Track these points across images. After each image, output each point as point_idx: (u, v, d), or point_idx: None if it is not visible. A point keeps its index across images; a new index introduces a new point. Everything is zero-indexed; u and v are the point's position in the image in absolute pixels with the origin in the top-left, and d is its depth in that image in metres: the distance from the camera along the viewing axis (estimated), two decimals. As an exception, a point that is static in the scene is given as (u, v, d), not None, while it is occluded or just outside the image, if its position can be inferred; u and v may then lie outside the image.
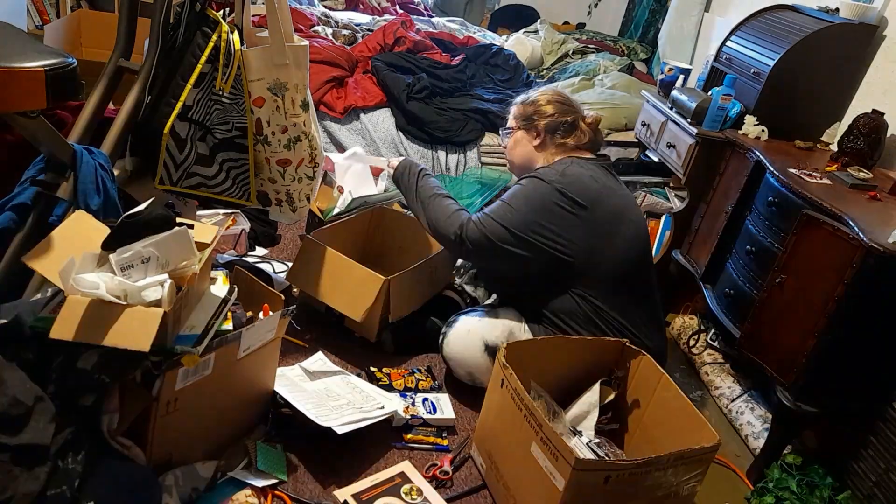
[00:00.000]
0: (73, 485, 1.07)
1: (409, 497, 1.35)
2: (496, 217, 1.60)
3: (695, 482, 1.31)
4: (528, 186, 1.62)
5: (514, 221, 1.58)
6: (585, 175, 1.62)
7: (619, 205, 1.64)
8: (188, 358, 1.16)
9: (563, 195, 1.57)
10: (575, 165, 1.64)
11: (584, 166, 1.65)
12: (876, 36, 2.11)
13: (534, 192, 1.60)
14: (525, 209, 1.59)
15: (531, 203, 1.59)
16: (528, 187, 1.62)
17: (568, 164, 1.65)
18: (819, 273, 1.54)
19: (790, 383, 1.59)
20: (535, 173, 1.64)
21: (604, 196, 1.61)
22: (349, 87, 2.87)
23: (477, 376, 1.70)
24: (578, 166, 1.64)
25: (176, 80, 1.45)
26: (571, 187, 1.58)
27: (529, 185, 1.62)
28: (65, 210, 1.28)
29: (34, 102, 1.07)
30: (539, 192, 1.60)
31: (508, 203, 1.62)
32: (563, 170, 1.62)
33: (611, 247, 1.59)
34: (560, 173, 1.61)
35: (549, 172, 1.62)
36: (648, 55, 4.01)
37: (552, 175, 1.61)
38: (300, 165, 1.71)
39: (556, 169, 1.63)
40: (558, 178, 1.60)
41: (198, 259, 1.19)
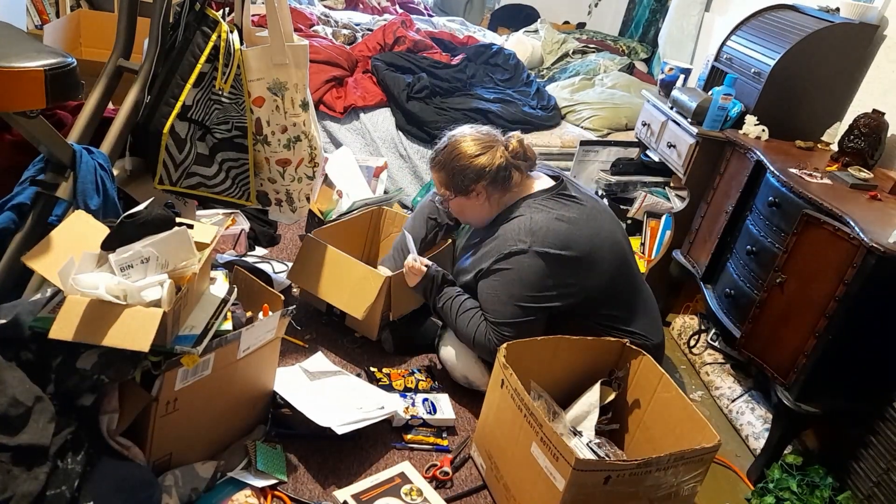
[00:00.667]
0: (73, 485, 1.07)
1: (409, 497, 1.35)
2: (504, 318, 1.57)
3: (695, 482, 1.31)
4: (514, 269, 1.55)
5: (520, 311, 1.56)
6: (551, 220, 1.56)
7: (592, 227, 1.60)
8: (188, 358, 1.15)
9: (546, 256, 1.53)
10: (537, 213, 1.58)
11: (544, 208, 1.59)
12: (876, 35, 2.11)
13: (521, 271, 1.55)
14: (520, 293, 1.55)
15: (525, 283, 1.55)
16: (514, 270, 1.55)
17: (528, 215, 1.58)
18: (819, 273, 1.54)
19: (791, 383, 1.58)
20: (509, 247, 1.56)
21: (575, 231, 1.56)
22: (349, 87, 2.87)
23: (473, 380, 1.71)
24: (539, 212, 1.58)
25: (175, 80, 1.45)
26: (548, 242, 1.54)
27: (515, 266, 1.55)
28: (64, 210, 1.28)
29: (33, 102, 1.07)
30: (525, 268, 1.54)
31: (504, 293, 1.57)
32: (529, 227, 1.56)
33: (599, 270, 1.59)
34: (529, 232, 1.55)
35: (519, 235, 1.55)
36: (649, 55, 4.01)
37: (525, 239, 1.54)
38: (300, 165, 1.71)
39: (523, 227, 1.56)
40: (532, 240, 1.54)
41: (197, 259, 1.19)
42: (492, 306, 1.59)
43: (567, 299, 1.58)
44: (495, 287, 1.59)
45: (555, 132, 2.95)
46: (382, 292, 1.73)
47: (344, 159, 2.44)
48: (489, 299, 1.60)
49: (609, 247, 1.61)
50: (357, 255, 2.10)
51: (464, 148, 1.63)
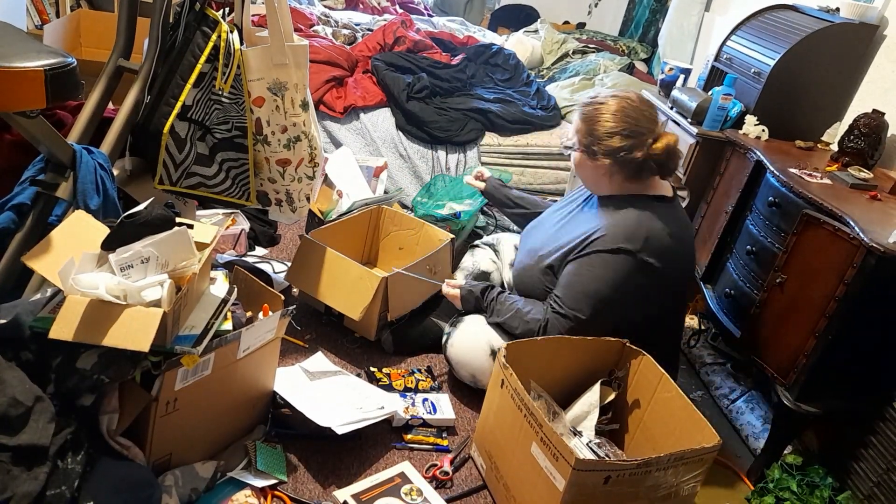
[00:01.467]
0: (73, 485, 1.06)
1: (409, 497, 1.35)
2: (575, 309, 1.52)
3: (695, 482, 1.31)
4: (612, 267, 1.50)
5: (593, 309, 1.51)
6: (665, 234, 1.51)
7: (687, 252, 1.59)
8: (188, 358, 1.15)
9: (647, 267, 1.50)
10: (655, 220, 1.52)
11: (661, 217, 1.53)
12: (876, 35, 2.11)
13: (618, 272, 1.50)
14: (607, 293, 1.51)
15: (615, 286, 1.50)
16: (612, 268, 1.50)
17: (647, 214, 1.52)
18: (819, 273, 1.54)
19: (791, 383, 1.58)
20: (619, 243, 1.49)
21: (677, 253, 1.54)
22: (349, 87, 2.87)
23: (479, 378, 1.70)
24: (659, 220, 1.52)
25: (175, 80, 1.45)
26: (655, 254, 1.50)
27: (614, 264, 1.50)
28: (64, 210, 1.28)
29: (33, 102, 1.07)
30: (624, 272, 1.50)
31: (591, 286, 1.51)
32: (647, 232, 1.50)
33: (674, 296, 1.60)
34: (645, 238, 1.49)
35: (635, 234, 1.49)
36: (649, 55, 4.01)
37: (637, 242, 1.49)
38: (300, 165, 1.71)
39: (641, 229, 1.50)
40: (643, 246, 1.49)
41: (197, 259, 1.19)
42: (573, 292, 1.53)
43: (637, 312, 1.56)
44: (585, 275, 1.52)
45: (555, 132, 2.95)
46: (379, 293, 1.73)
47: (344, 159, 2.44)
48: (572, 284, 1.53)
49: (688, 275, 1.63)
50: (357, 255, 2.11)
51: (611, 119, 1.52)
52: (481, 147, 2.83)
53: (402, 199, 2.70)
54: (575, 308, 1.53)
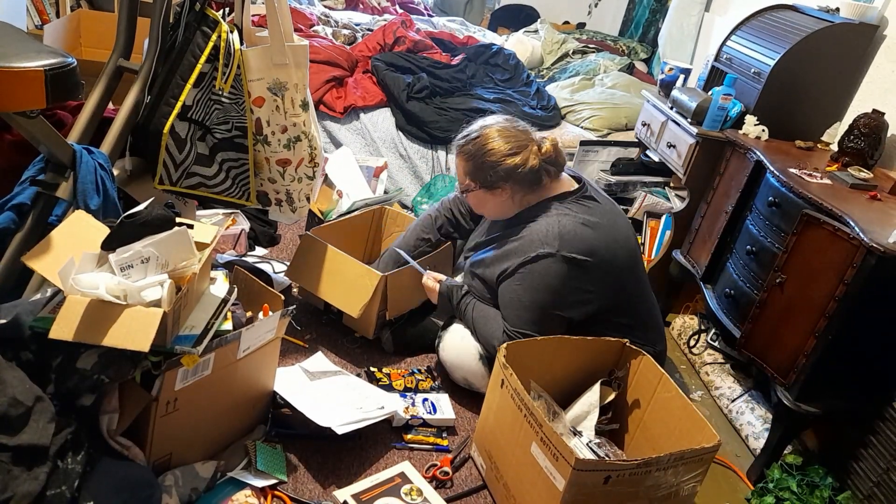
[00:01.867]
0: (73, 485, 1.06)
1: (409, 497, 1.35)
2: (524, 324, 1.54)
3: (695, 482, 1.31)
4: (540, 273, 1.52)
5: (540, 317, 1.54)
6: (578, 224, 1.54)
7: (613, 233, 1.58)
8: (188, 358, 1.16)
9: (573, 262, 1.51)
10: (564, 216, 1.55)
11: (570, 212, 1.56)
12: (876, 36, 2.11)
13: (547, 276, 1.52)
14: (544, 298, 1.53)
15: (550, 289, 1.53)
16: (540, 274, 1.52)
17: (556, 218, 1.55)
18: (819, 273, 1.54)
19: (790, 383, 1.58)
20: (536, 250, 1.52)
21: (599, 237, 1.55)
22: (349, 87, 2.87)
23: (472, 382, 1.70)
24: (566, 216, 1.55)
25: (175, 80, 1.45)
26: (574, 248, 1.51)
27: (541, 270, 1.52)
28: (64, 210, 1.28)
29: (33, 102, 1.07)
30: (552, 274, 1.52)
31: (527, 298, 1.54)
32: (557, 231, 1.52)
33: (617, 277, 1.59)
34: (557, 236, 1.52)
35: (547, 239, 1.52)
36: (649, 55, 4.01)
37: (552, 243, 1.51)
38: (300, 165, 1.71)
39: (551, 231, 1.53)
40: (559, 245, 1.51)
41: (197, 259, 1.19)
42: (513, 311, 1.56)
43: (586, 307, 1.57)
44: (518, 291, 1.55)
45: (555, 132, 2.95)
46: (378, 291, 1.73)
47: (344, 159, 2.44)
48: (511, 303, 1.57)
49: (626, 253, 1.61)
50: (358, 254, 2.11)
51: (496, 144, 1.56)
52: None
53: (402, 200, 2.70)
54: (521, 325, 1.55)
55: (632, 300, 1.65)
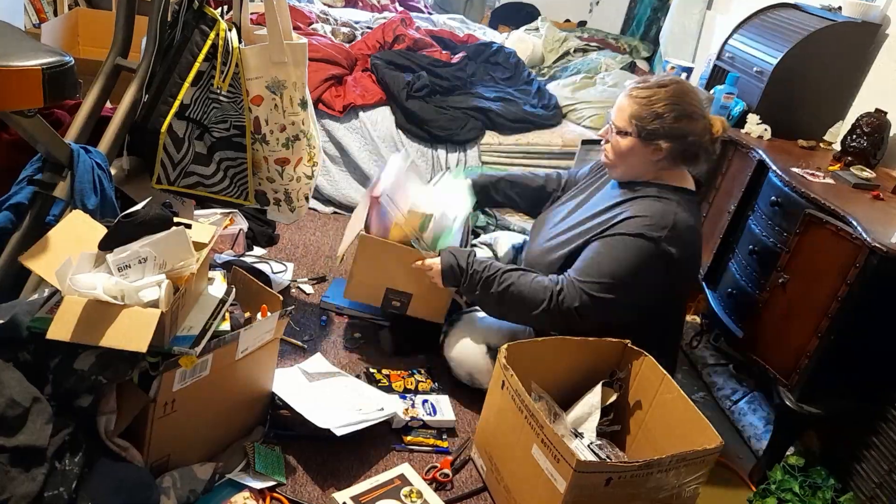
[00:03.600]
0: (71, 486, 1.06)
1: (408, 499, 1.35)
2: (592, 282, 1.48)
3: (697, 484, 1.30)
4: (633, 250, 1.46)
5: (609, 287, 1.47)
6: (689, 227, 1.49)
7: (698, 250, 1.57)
8: (186, 359, 1.15)
9: (669, 258, 1.47)
10: (683, 211, 1.49)
11: (689, 209, 1.51)
12: (879, 34, 2.10)
13: (639, 256, 1.46)
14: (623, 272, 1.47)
15: (633, 268, 1.47)
16: (633, 251, 1.47)
17: (675, 205, 1.49)
18: (822, 273, 1.53)
19: (793, 384, 1.58)
20: (645, 228, 1.46)
21: (696, 247, 1.54)
22: (348, 86, 2.86)
23: (477, 377, 1.69)
24: (685, 212, 1.49)
25: (173, 79, 1.44)
26: (675, 242, 1.46)
27: (636, 248, 1.46)
28: (62, 210, 1.28)
29: (31, 101, 1.06)
30: (644, 256, 1.46)
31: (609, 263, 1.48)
32: (673, 221, 1.46)
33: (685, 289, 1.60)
34: (672, 226, 1.46)
35: (659, 225, 1.46)
36: (650, 53, 4.00)
37: (662, 230, 1.45)
38: (298, 164, 1.70)
39: (667, 218, 1.47)
40: (668, 235, 1.45)
41: (195, 259, 1.18)
42: (587, 268, 1.49)
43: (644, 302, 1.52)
44: (602, 255, 1.49)
45: (556, 131, 2.94)
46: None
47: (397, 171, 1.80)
48: (591, 260, 1.50)
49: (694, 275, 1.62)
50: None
51: (680, 101, 1.48)
52: (481, 146, 2.82)
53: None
54: (589, 283, 1.48)
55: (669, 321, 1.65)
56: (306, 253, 2.28)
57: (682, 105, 1.49)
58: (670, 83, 1.52)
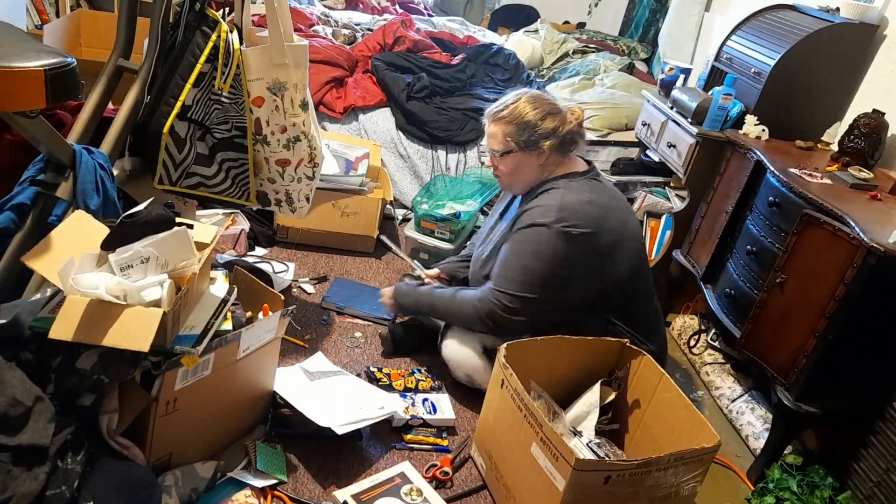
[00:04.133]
0: (73, 485, 1.06)
1: (409, 497, 1.35)
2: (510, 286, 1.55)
3: (695, 482, 1.31)
4: (532, 241, 1.54)
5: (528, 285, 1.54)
6: (583, 202, 1.55)
7: (620, 218, 1.60)
8: (187, 358, 1.15)
9: (568, 236, 1.51)
10: (570, 192, 1.57)
11: (579, 189, 1.58)
12: (876, 35, 2.11)
13: (539, 245, 1.53)
14: (533, 266, 1.53)
15: (540, 258, 1.53)
16: (532, 242, 1.54)
17: (561, 191, 1.57)
18: (820, 273, 1.54)
19: (791, 383, 1.58)
20: (534, 219, 1.55)
21: (604, 217, 1.56)
22: (349, 87, 2.86)
23: (475, 378, 1.70)
24: (573, 192, 1.57)
25: (175, 80, 1.44)
26: (572, 222, 1.52)
27: (534, 237, 1.54)
28: (64, 210, 1.28)
29: (33, 102, 1.07)
30: (543, 243, 1.53)
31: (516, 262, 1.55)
32: (559, 203, 1.54)
33: (616, 266, 1.58)
34: (558, 208, 1.53)
35: (547, 211, 1.54)
36: (649, 55, 4.01)
37: (550, 215, 1.53)
38: (299, 165, 1.70)
39: (553, 203, 1.55)
40: (557, 217, 1.52)
41: (197, 259, 1.19)
42: (502, 272, 1.58)
43: (579, 288, 1.56)
44: (508, 255, 1.58)
45: (555, 132, 2.94)
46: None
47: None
48: (501, 264, 1.59)
49: (633, 242, 1.62)
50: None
51: (535, 106, 1.60)
52: (481, 147, 2.83)
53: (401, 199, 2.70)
54: (502, 283, 1.56)
55: (635, 300, 1.64)
56: (307, 253, 2.29)
57: (541, 106, 1.61)
58: (522, 94, 1.65)
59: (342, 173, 2.33)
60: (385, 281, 2.21)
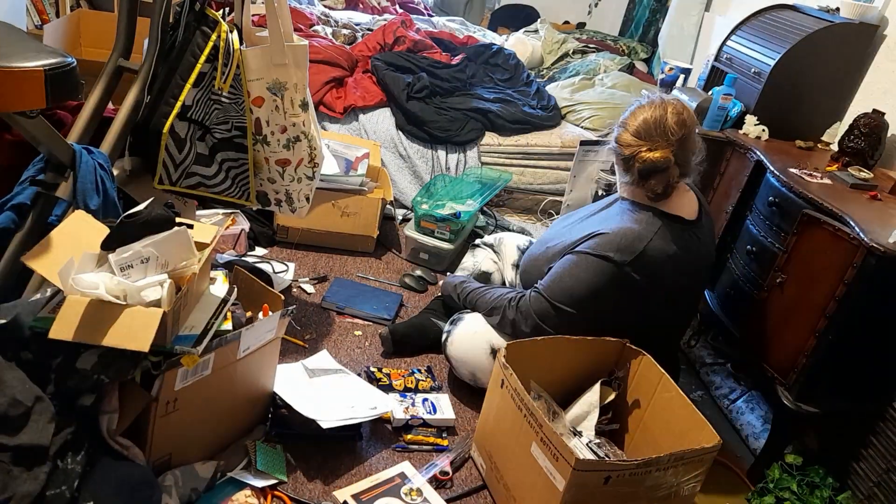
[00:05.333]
0: (73, 485, 1.06)
1: (408, 497, 1.35)
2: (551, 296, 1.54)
3: (695, 482, 1.31)
4: (592, 270, 1.49)
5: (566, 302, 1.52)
6: (663, 252, 1.47)
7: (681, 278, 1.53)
8: (187, 358, 1.15)
9: (626, 279, 1.47)
10: (658, 238, 1.48)
11: (667, 237, 1.48)
12: (876, 36, 2.11)
13: (597, 276, 1.49)
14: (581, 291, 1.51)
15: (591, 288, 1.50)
16: (592, 271, 1.49)
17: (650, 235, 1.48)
18: (820, 273, 1.54)
19: (791, 383, 1.58)
20: (607, 251, 1.47)
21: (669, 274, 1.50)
22: (349, 87, 2.86)
23: (479, 377, 1.69)
24: (661, 239, 1.48)
25: (175, 80, 1.44)
26: (641, 270, 1.47)
27: (595, 268, 1.48)
28: (64, 210, 1.28)
29: (33, 102, 1.07)
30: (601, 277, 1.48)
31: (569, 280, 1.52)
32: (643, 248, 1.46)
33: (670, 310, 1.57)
34: (636, 253, 1.46)
35: (626, 248, 1.46)
36: (649, 55, 4.01)
37: (626, 254, 1.46)
38: (299, 165, 1.70)
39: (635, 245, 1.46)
40: (631, 259, 1.46)
41: (197, 259, 1.19)
42: (550, 280, 1.56)
43: (618, 321, 1.55)
44: (566, 269, 1.53)
45: (555, 132, 2.95)
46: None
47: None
48: (555, 272, 1.56)
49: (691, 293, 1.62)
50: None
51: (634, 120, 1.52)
52: (481, 147, 2.83)
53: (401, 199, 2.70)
54: (548, 294, 1.55)
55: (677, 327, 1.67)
56: (307, 253, 2.29)
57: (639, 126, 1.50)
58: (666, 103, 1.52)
59: (342, 173, 2.33)
60: (385, 281, 2.21)
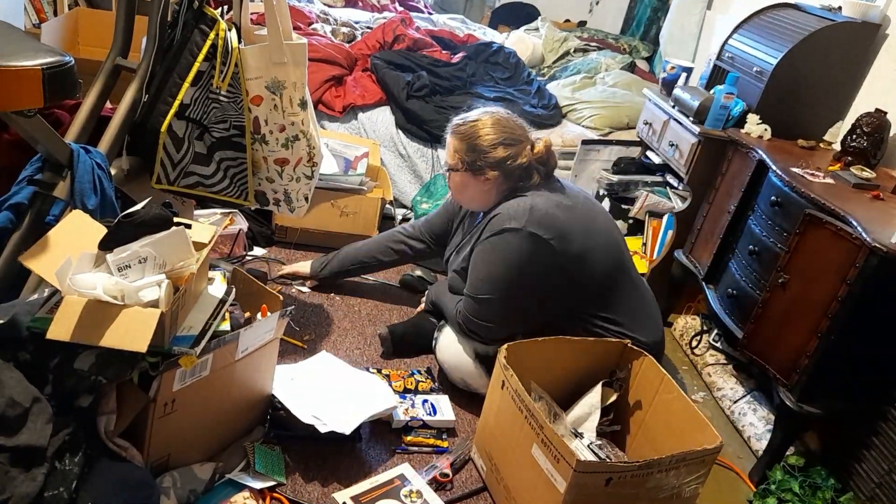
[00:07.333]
0: (71, 486, 1.06)
1: (408, 499, 1.35)
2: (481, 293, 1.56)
3: (697, 484, 1.30)
4: (501, 246, 1.54)
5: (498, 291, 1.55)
6: (551, 205, 1.55)
7: (588, 219, 1.60)
8: (186, 359, 1.15)
9: (538, 239, 1.51)
10: (538, 196, 1.56)
11: (545, 194, 1.57)
12: (878, 34, 2.10)
13: (508, 250, 1.53)
14: (503, 273, 1.54)
15: (509, 264, 1.53)
16: (501, 248, 1.54)
17: (529, 198, 1.56)
18: (822, 273, 1.53)
19: (793, 384, 1.58)
20: (502, 224, 1.53)
21: (572, 220, 1.56)
22: (348, 86, 2.85)
23: (470, 383, 1.69)
24: (540, 196, 1.56)
25: (173, 79, 1.44)
26: (543, 225, 1.52)
27: (503, 243, 1.53)
28: (62, 210, 1.27)
29: (31, 101, 1.06)
30: (513, 248, 1.52)
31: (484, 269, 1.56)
32: (528, 207, 1.53)
33: (592, 263, 1.57)
34: (527, 211, 1.52)
35: (516, 214, 1.53)
36: (650, 53, 4.00)
37: (519, 218, 1.52)
38: (298, 165, 1.70)
39: (521, 207, 1.54)
40: (527, 221, 1.51)
41: (195, 259, 1.18)
42: (473, 279, 1.59)
43: (554, 289, 1.56)
44: (476, 262, 1.59)
45: (556, 131, 2.94)
46: None
47: None
48: (472, 272, 1.60)
49: (604, 240, 1.61)
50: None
51: (491, 130, 1.58)
52: (482, 146, 2.82)
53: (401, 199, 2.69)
54: (478, 292, 1.57)
55: (616, 291, 1.62)
56: (306, 253, 2.28)
57: (499, 132, 1.58)
58: (488, 113, 1.62)
59: (341, 172, 2.33)
60: (385, 280, 2.21)
